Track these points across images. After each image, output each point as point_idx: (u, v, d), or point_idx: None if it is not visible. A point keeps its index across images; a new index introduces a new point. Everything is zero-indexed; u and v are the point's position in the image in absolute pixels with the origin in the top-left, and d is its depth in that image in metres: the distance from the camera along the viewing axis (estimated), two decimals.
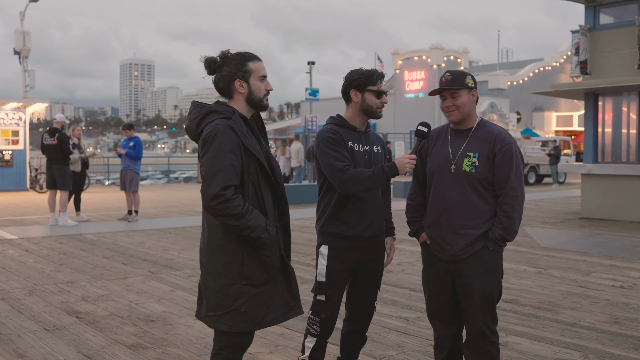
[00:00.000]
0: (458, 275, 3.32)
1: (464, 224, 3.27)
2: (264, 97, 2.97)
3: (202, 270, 2.96)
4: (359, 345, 3.65)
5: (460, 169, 3.27)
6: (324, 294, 3.42)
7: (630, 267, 7.56)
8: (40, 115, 22.51)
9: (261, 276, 2.86)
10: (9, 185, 19.95)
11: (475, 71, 52.85)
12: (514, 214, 3.23)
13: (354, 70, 3.49)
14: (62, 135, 11.41)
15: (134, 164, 12.21)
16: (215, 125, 2.79)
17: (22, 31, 23.22)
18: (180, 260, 8.02)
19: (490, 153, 3.24)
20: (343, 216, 3.39)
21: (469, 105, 3.29)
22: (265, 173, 2.91)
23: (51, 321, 5.23)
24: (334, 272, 3.40)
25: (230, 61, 2.93)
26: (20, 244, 9.32)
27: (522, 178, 3.28)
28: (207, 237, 2.91)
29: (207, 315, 2.90)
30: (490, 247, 3.28)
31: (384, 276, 6.95)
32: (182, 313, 5.46)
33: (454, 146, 3.32)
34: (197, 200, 16.95)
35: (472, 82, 3.31)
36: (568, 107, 45.96)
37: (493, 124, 3.38)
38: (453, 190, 3.28)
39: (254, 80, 2.93)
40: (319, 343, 3.46)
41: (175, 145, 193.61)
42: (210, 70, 2.95)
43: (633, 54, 12.44)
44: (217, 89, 2.97)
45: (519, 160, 3.27)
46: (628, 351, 4.47)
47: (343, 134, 3.39)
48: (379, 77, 3.44)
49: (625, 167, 12.43)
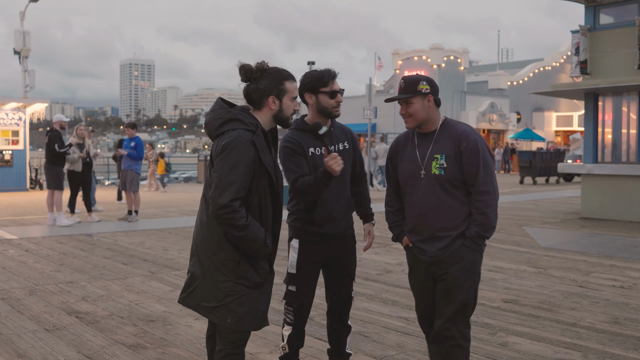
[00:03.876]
0: (438, 276, 3.31)
1: (442, 226, 3.26)
2: (290, 116, 3.06)
3: (199, 263, 3.02)
4: (345, 333, 3.77)
5: (430, 172, 3.26)
6: (295, 285, 3.57)
7: (630, 267, 7.56)
8: (41, 115, 22.52)
9: (255, 278, 2.96)
10: (9, 185, 19.93)
11: (476, 71, 52.85)
12: (488, 209, 3.20)
13: (307, 73, 3.56)
14: (51, 134, 11.44)
15: (135, 164, 12.24)
16: (238, 137, 2.84)
17: (22, 31, 23.19)
18: (180, 260, 8.02)
19: (457, 152, 3.22)
20: (311, 216, 3.53)
21: (424, 111, 3.26)
22: (271, 184, 3.00)
23: (51, 321, 5.23)
24: (304, 265, 3.56)
25: (269, 76, 2.99)
26: (20, 244, 9.32)
27: (492, 173, 3.24)
28: (205, 233, 2.98)
29: (201, 304, 3.00)
30: (468, 245, 3.25)
31: (383, 276, 6.97)
32: (182, 313, 5.46)
33: (421, 150, 3.32)
34: (197, 201, 16.94)
35: (426, 87, 3.26)
36: (568, 107, 45.94)
37: (457, 123, 3.34)
38: (426, 195, 3.28)
39: (287, 100, 3.02)
40: (295, 330, 3.63)
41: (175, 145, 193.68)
42: (246, 78, 3.00)
43: (633, 54, 12.43)
44: (246, 97, 3.02)
45: (486, 154, 3.23)
46: (628, 351, 4.48)
47: (302, 141, 3.49)
48: (330, 77, 3.49)
49: (625, 167, 12.43)
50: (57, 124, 11.78)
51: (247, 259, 2.93)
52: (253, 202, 2.93)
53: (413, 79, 3.28)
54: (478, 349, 4.48)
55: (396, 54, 43.28)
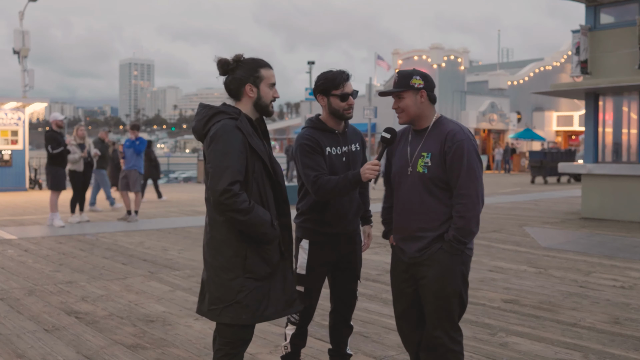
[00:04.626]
0: (419, 278, 3.26)
1: (420, 226, 3.21)
2: (270, 103, 3.09)
3: (206, 266, 3.04)
4: (347, 333, 3.78)
5: (415, 170, 3.22)
6: (304, 286, 3.56)
7: (630, 267, 7.55)
8: (40, 115, 22.48)
9: (263, 270, 2.96)
10: (8, 185, 19.92)
11: (476, 71, 52.84)
12: (468, 214, 3.10)
13: (320, 74, 3.56)
14: (46, 134, 11.40)
15: (139, 164, 12.29)
16: (223, 125, 2.90)
17: (22, 31, 23.18)
18: (179, 260, 8.01)
19: (442, 151, 3.15)
20: (323, 217, 3.51)
21: (416, 106, 3.21)
22: (268, 174, 3.02)
23: (50, 321, 5.21)
24: (314, 266, 3.55)
25: (244, 65, 3.05)
26: (20, 244, 9.31)
27: (475, 177, 3.12)
28: (210, 232, 3.00)
29: (210, 310, 2.99)
30: (446, 249, 3.16)
31: (383, 276, 6.96)
32: (182, 313, 5.45)
33: (412, 147, 3.28)
34: (196, 200, 16.93)
35: (419, 82, 3.20)
36: (568, 107, 45.92)
37: (450, 122, 3.27)
38: (409, 192, 3.24)
39: (264, 87, 3.06)
40: (298, 330, 3.62)
41: (175, 145, 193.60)
42: (223, 71, 3.06)
43: (633, 53, 12.42)
44: (227, 89, 3.08)
45: (472, 157, 3.12)
46: (628, 351, 4.46)
47: (320, 139, 3.49)
48: (342, 79, 3.47)
49: (626, 167, 12.42)
50: (53, 123, 11.73)
51: (254, 252, 2.94)
52: (252, 191, 2.95)
53: (407, 73, 3.23)
54: (478, 349, 4.47)
55: (396, 53, 43.24)
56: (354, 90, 3.52)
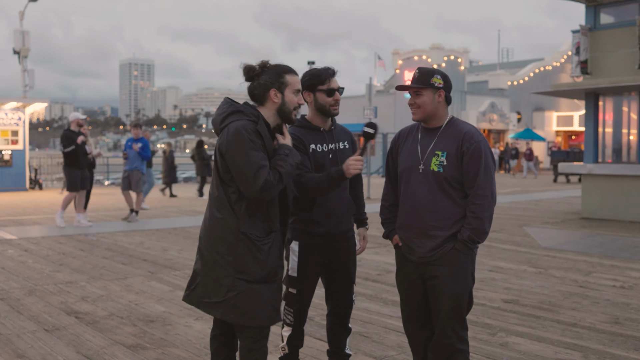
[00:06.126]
0: (428, 278, 3.26)
1: (433, 225, 3.21)
2: (293, 110, 3.09)
3: (201, 258, 3.06)
4: (345, 335, 3.76)
5: (428, 168, 3.21)
6: (296, 288, 3.56)
7: (630, 268, 7.55)
8: (40, 115, 22.52)
9: (256, 272, 2.96)
10: (8, 185, 19.92)
11: (476, 71, 52.81)
12: (483, 215, 3.14)
13: (306, 72, 3.56)
14: (62, 133, 11.43)
15: (142, 165, 12.40)
16: (245, 125, 2.90)
17: (22, 31, 23.16)
18: (179, 260, 8.01)
19: (459, 151, 3.16)
20: (312, 215, 3.49)
21: (433, 105, 3.23)
22: None
23: (50, 321, 5.21)
24: (305, 267, 3.53)
25: (269, 71, 3.05)
26: (20, 244, 9.31)
27: (492, 177, 3.18)
28: (209, 227, 3.02)
29: (202, 301, 3.03)
30: (459, 248, 3.18)
31: (383, 276, 6.95)
32: (182, 313, 5.45)
33: (423, 145, 3.27)
34: (196, 200, 16.94)
35: (439, 81, 3.22)
36: (568, 107, 45.89)
37: (464, 122, 3.30)
38: (421, 190, 3.23)
39: (289, 93, 3.06)
40: (295, 331, 3.62)
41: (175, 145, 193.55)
42: (249, 77, 3.06)
43: (633, 53, 12.42)
44: (250, 95, 3.09)
45: (488, 158, 3.17)
46: (629, 351, 4.46)
47: (304, 137, 3.47)
48: (328, 75, 3.47)
49: (626, 167, 12.42)
50: (73, 122, 11.57)
51: (248, 253, 2.93)
52: None
53: (428, 71, 3.25)
54: (478, 349, 4.47)
55: (396, 53, 43.23)
56: (340, 87, 3.52)
